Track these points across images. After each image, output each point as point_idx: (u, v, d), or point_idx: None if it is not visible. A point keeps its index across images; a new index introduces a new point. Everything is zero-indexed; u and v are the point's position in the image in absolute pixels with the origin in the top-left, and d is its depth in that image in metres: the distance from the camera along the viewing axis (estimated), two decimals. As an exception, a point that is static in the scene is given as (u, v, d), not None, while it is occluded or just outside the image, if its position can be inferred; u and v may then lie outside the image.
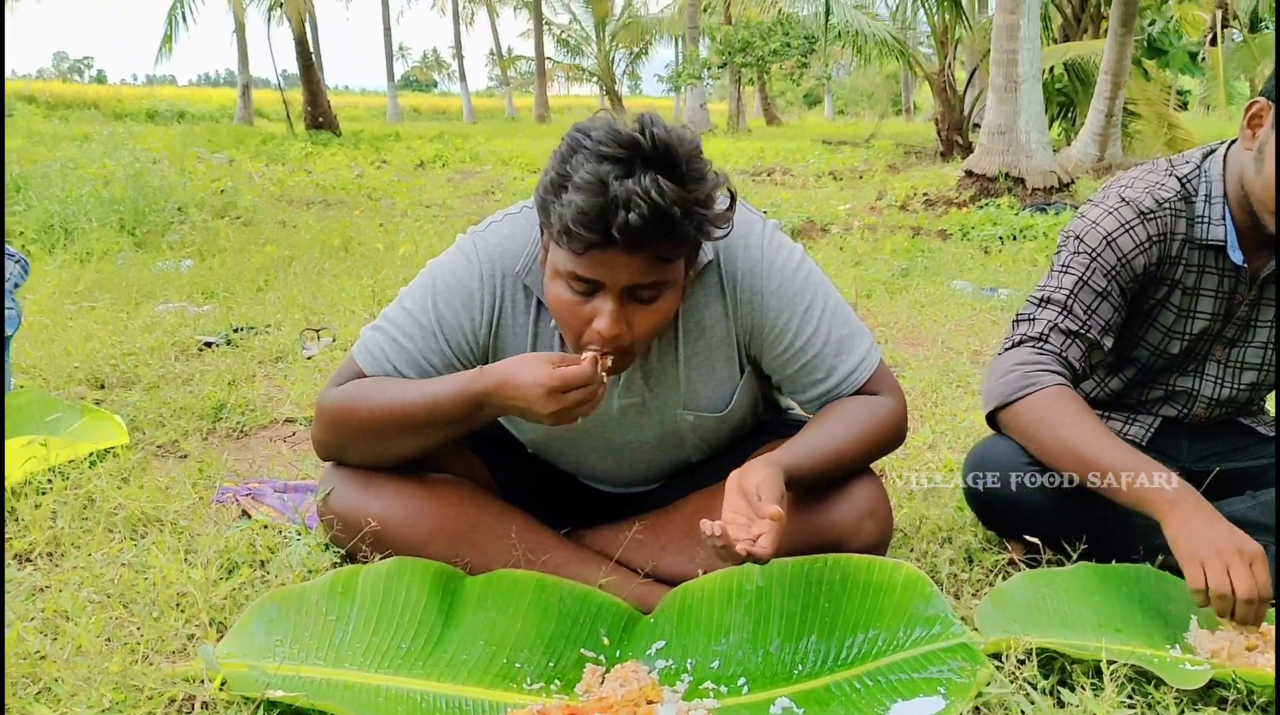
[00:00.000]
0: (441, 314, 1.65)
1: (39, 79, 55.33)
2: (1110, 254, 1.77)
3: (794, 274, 1.64)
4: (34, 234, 6.20)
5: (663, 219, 1.34)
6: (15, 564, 1.91)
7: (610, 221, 1.34)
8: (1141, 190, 1.79)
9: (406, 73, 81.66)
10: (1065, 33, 14.24)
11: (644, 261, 1.40)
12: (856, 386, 1.68)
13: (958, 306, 4.68)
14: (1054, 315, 1.80)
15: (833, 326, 1.66)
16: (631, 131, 1.36)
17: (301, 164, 12.90)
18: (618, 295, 1.44)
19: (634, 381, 1.69)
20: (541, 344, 1.66)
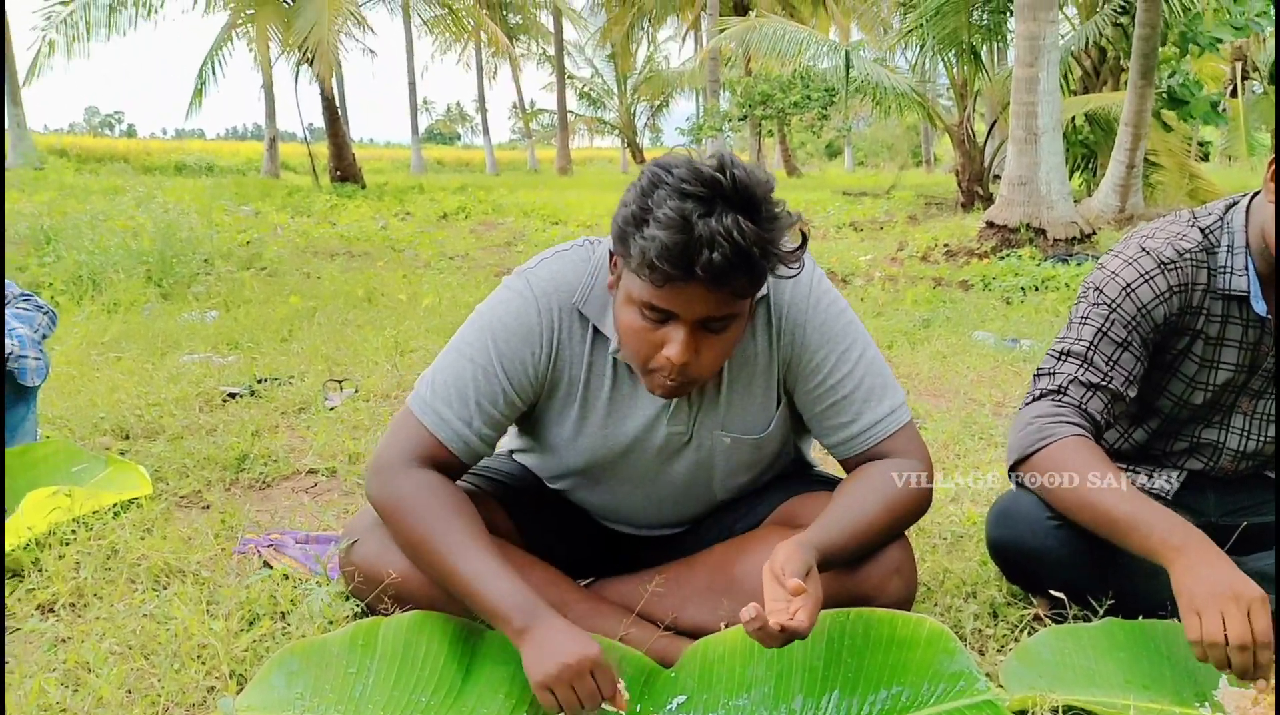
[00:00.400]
0: (502, 352, 1.64)
1: (70, 133, 56.32)
2: (1130, 305, 1.77)
3: (838, 316, 1.69)
4: (63, 285, 6.28)
5: (743, 258, 1.38)
6: (38, 615, 1.92)
7: (694, 260, 1.37)
8: (1162, 241, 1.79)
9: (430, 126, 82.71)
10: (1085, 84, 14.30)
11: (721, 297, 1.44)
12: (881, 437, 1.67)
13: (980, 358, 4.67)
14: (1074, 368, 1.79)
15: (867, 373, 1.68)
16: (712, 171, 1.39)
17: (326, 216, 13.03)
18: (690, 326, 1.47)
19: (682, 411, 1.70)
20: (594, 373, 1.68)
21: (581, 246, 1.69)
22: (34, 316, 2.72)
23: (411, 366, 4.40)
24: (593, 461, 1.76)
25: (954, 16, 13.83)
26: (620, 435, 1.71)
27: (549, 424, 1.74)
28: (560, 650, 1.40)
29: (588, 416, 1.71)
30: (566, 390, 1.69)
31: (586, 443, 1.73)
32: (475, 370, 1.64)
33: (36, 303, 2.79)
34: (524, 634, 1.45)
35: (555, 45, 31.30)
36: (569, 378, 1.68)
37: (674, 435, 1.71)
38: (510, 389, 1.65)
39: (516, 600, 1.47)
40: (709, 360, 1.52)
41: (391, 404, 3.76)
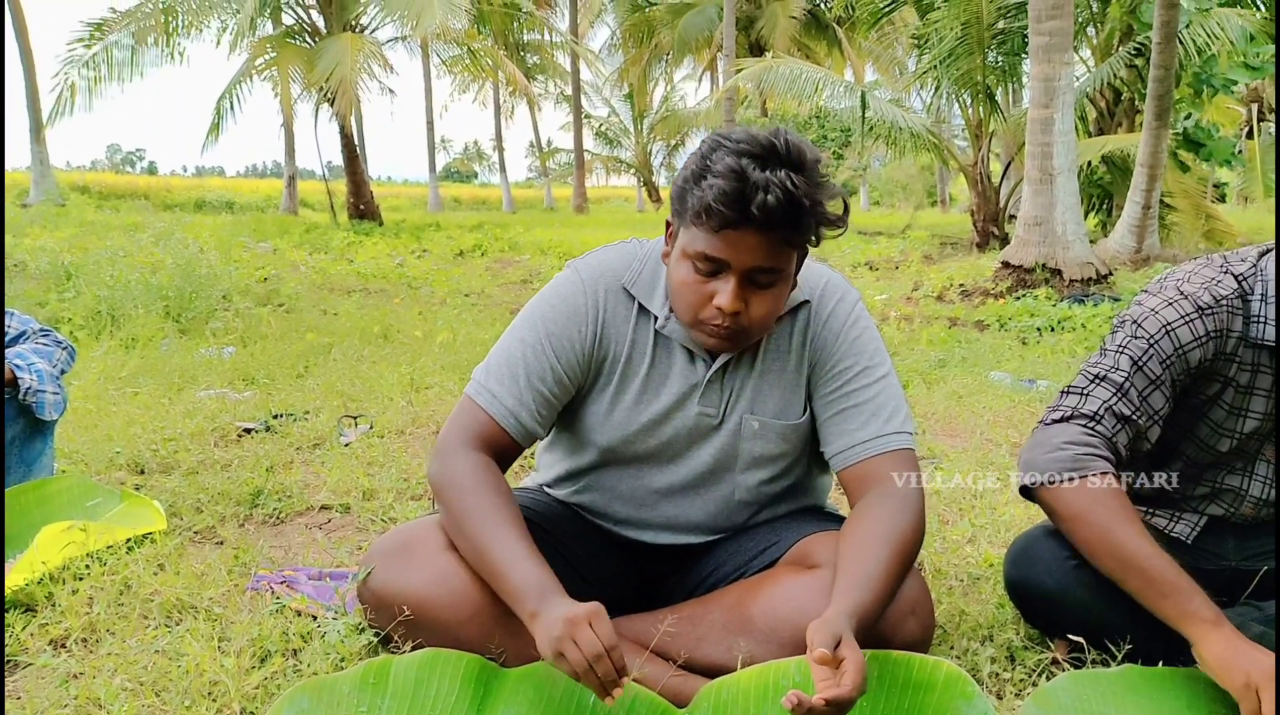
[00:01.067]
0: (550, 331, 1.75)
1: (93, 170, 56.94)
2: (1168, 343, 1.73)
3: (871, 339, 1.79)
4: (81, 321, 6.33)
5: (794, 205, 1.51)
6: (50, 650, 1.92)
7: (749, 201, 1.50)
8: (1199, 285, 1.76)
9: (448, 164, 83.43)
10: (1100, 126, 14.34)
11: (771, 245, 1.56)
12: (882, 450, 1.72)
13: (996, 398, 4.65)
14: (1109, 396, 1.75)
15: (884, 391, 1.76)
16: (768, 136, 1.55)
17: (344, 253, 13.12)
18: (740, 275, 1.58)
19: (714, 393, 1.78)
20: (636, 349, 1.78)
21: (630, 243, 1.84)
22: (53, 351, 2.74)
23: (426, 403, 4.41)
24: (622, 439, 1.81)
25: (968, 58, 13.91)
26: (652, 411, 1.79)
27: (586, 402, 1.82)
28: (559, 617, 1.43)
29: (624, 392, 1.79)
30: (609, 368, 1.79)
31: (619, 418, 1.80)
32: (525, 349, 1.75)
33: (55, 338, 2.81)
34: (535, 617, 1.48)
35: (573, 85, 31.56)
36: (612, 356, 1.78)
37: (703, 416, 1.79)
38: (559, 366, 1.75)
39: (533, 583, 1.51)
40: (757, 314, 1.62)
41: (406, 440, 3.77)
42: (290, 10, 18.39)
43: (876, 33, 22.17)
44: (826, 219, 1.59)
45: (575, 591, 1.79)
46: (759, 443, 1.80)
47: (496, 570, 1.56)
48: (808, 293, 1.78)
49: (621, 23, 32.68)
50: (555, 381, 1.75)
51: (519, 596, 1.52)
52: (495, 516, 1.61)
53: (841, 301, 1.79)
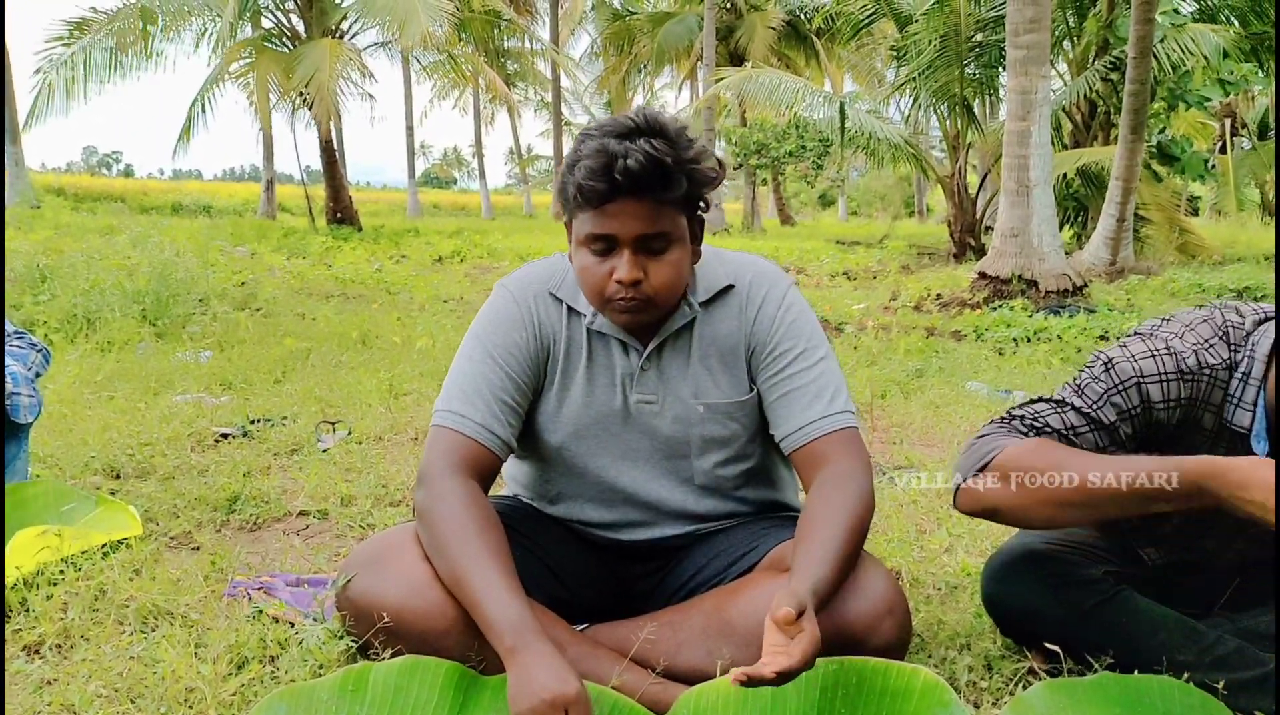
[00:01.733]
0: (494, 343, 1.81)
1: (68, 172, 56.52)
2: (1134, 394, 1.63)
3: (807, 321, 1.83)
4: (57, 324, 6.27)
5: (657, 165, 1.58)
6: (24, 656, 1.90)
7: (613, 170, 1.57)
8: (1190, 345, 1.64)
9: (427, 170, 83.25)
10: (1076, 139, 14.47)
11: (648, 210, 1.63)
12: (827, 430, 1.75)
13: (973, 408, 4.67)
14: (1043, 408, 1.69)
15: (825, 373, 1.79)
16: (628, 115, 1.64)
17: (322, 258, 13.07)
18: (631, 245, 1.64)
19: (649, 380, 1.83)
20: (572, 346, 1.84)
21: (554, 256, 1.92)
22: (28, 354, 2.72)
23: (405, 409, 4.39)
24: (573, 434, 1.85)
25: (946, 70, 14.03)
26: (597, 403, 1.83)
27: (537, 404, 1.86)
28: (540, 684, 1.40)
29: (568, 388, 1.84)
30: (550, 367, 1.84)
31: (567, 414, 1.84)
32: (475, 367, 1.79)
33: (30, 341, 2.79)
34: (511, 654, 1.46)
35: (553, 92, 31.58)
36: (552, 355, 1.84)
37: (643, 402, 1.83)
38: (513, 373, 1.79)
39: (511, 618, 1.50)
40: (659, 280, 1.67)
41: (384, 446, 3.76)
42: (269, 14, 18.33)
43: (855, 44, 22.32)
44: (698, 175, 1.66)
45: (555, 597, 1.81)
46: (708, 426, 1.83)
47: (473, 600, 1.55)
48: (732, 278, 1.83)
49: (602, 31, 32.77)
50: (515, 388, 1.79)
51: (495, 631, 1.50)
52: (475, 545, 1.60)
53: (774, 286, 1.84)
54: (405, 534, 1.74)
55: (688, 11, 29.23)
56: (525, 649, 1.46)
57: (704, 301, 1.82)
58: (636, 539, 1.92)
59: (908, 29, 14.91)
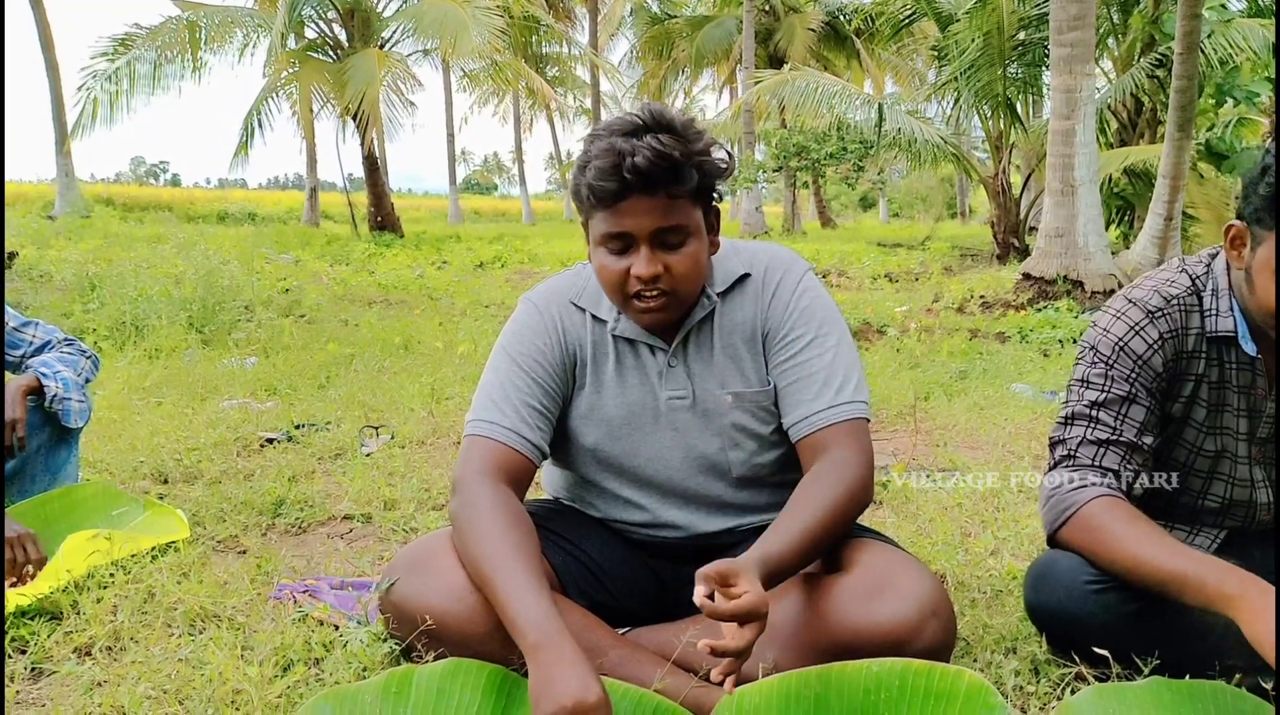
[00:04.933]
0: (519, 351, 1.83)
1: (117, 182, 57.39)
2: (1126, 359, 1.78)
3: (822, 307, 1.83)
4: (106, 331, 6.38)
5: (665, 159, 1.60)
6: (75, 657, 1.93)
7: (623, 169, 1.59)
8: (1149, 289, 1.81)
9: (468, 176, 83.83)
10: (1121, 137, 14.27)
11: (661, 205, 1.64)
12: (835, 420, 1.74)
13: (1018, 410, 4.62)
14: (1081, 430, 1.80)
15: (838, 360, 1.78)
16: (634, 113, 1.66)
17: (365, 264, 13.19)
18: (647, 241, 1.66)
19: (677, 376, 1.84)
20: (599, 352, 1.86)
21: (577, 266, 1.93)
22: (77, 360, 2.77)
23: (447, 413, 4.42)
24: (607, 435, 1.86)
25: (989, 70, 13.89)
26: (627, 403, 1.85)
27: (569, 409, 1.88)
28: (562, 689, 1.38)
29: (600, 390, 1.86)
30: (579, 372, 1.86)
31: (601, 414, 1.86)
32: (502, 377, 1.82)
33: (80, 347, 2.83)
34: (535, 652, 1.45)
35: (592, 97, 31.67)
36: (579, 361, 1.86)
37: (675, 399, 1.84)
38: (540, 379, 1.81)
39: (535, 617, 1.48)
40: (679, 273, 1.69)
41: (427, 451, 3.78)
42: (313, 24, 18.52)
43: (896, 45, 22.17)
44: (708, 167, 1.67)
45: (598, 601, 1.81)
46: (738, 415, 1.83)
47: (500, 601, 1.54)
48: (747, 266, 1.84)
49: (640, 35, 32.78)
50: (543, 393, 1.80)
51: (519, 630, 1.48)
52: (503, 545, 1.59)
53: (789, 272, 1.84)
54: (446, 539, 1.75)
55: (726, 15, 29.20)
56: (549, 647, 1.44)
57: (721, 291, 1.83)
58: (679, 537, 1.91)
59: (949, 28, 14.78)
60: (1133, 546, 1.64)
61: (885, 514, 3.00)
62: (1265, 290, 1.64)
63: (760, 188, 24.25)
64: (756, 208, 23.83)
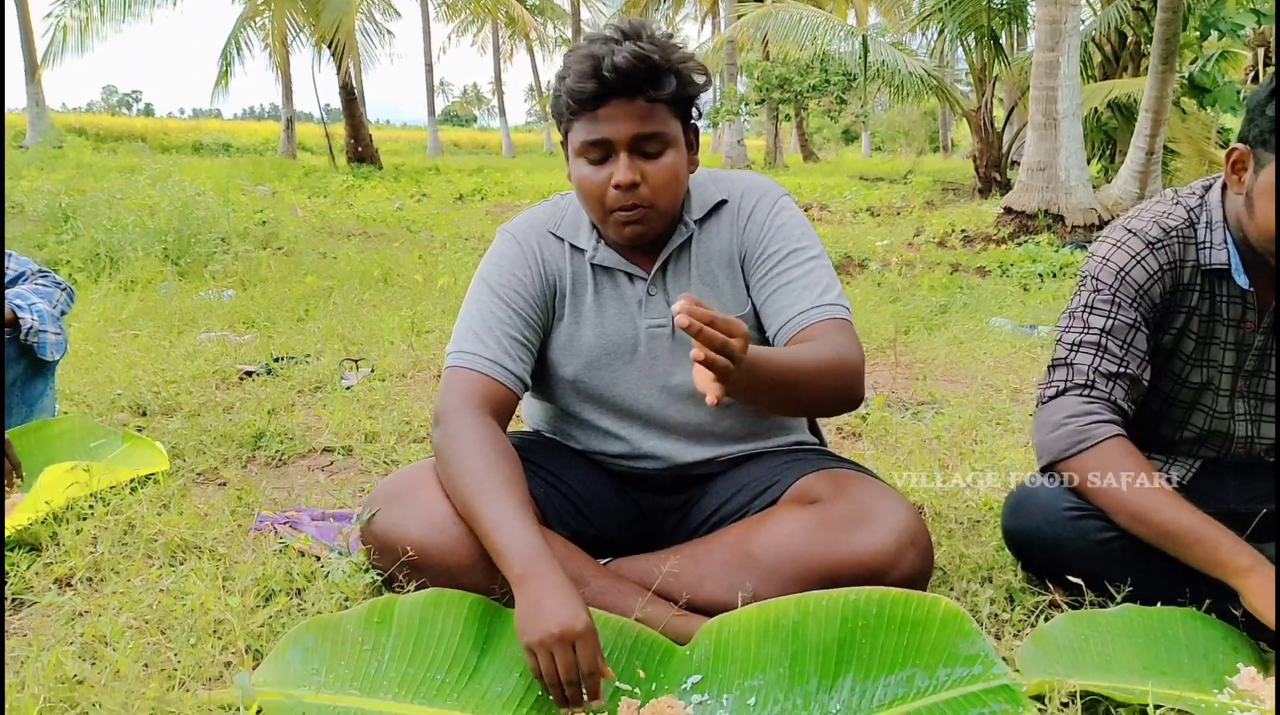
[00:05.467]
0: (498, 282, 1.81)
1: (89, 112, 56.41)
2: (1128, 288, 1.79)
3: (798, 224, 1.83)
4: (80, 263, 6.31)
5: (644, 60, 1.60)
6: (55, 588, 1.93)
7: (601, 68, 1.59)
8: (1148, 220, 1.81)
9: (447, 108, 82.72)
10: (1105, 70, 14.18)
11: (640, 110, 1.64)
12: (820, 318, 1.72)
13: (997, 343, 4.64)
14: (1091, 358, 1.79)
15: (816, 269, 1.78)
16: (612, 24, 1.67)
17: (343, 197, 13.05)
18: (626, 148, 1.65)
19: (657, 304, 1.83)
20: (577, 282, 1.84)
21: (554, 197, 1.93)
22: (52, 292, 2.73)
23: (427, 347, 4.41)
24: (586, 365, 1.85)
25: (974, 1, 13.72)
26: (608, 332, 1.84)
27: (549, 339, 1.87)
28: (549, 616, 1.40)
29: (578, 321, 1.85)
30: (558, 302, 1.85)
31: (581, 344, 1.85)
32: (481, 308, 1.80)
33: (55, 279, 2.80)
34: (521, 581, 1.46)
35: (572, 27, 31.20)
36: (558, 291, 1.85)
37: (654, 328, 1.83)
38: (520, 310, 1.80)
39: (521, 546, 1.49)
40: (657, 183, 1.68)
41: (407, 384, 3.77)
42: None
43: (881, -26, 21.82)
44: (686, 74, 1.66)
45: (578, 532, 1.82)
46: None
47: (486, 531, 1.54)
48: (724, 193, 1.84)
49: (622, -37, 32.22)
50: (524, 324, 1.79)
51: (505, 558, 1.49)
52: (489, 477, 1.59)
53: (765, 196, 1.84)
54: (428, 470, 1.74)
55: (709, -58, 28.70)
56: (536, 577, 1.45)
57: (699, 218, 1.83)
58: (659, 468, 1.92)
59: (934, -42, 14.59)
60: (1143, 496, 1.66)
61: (864, 446, 3.02)
62: (1265, 214, 1.63)
63: (742, 121, 24.05)
64: (738, 141, 23.64)
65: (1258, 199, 1.64)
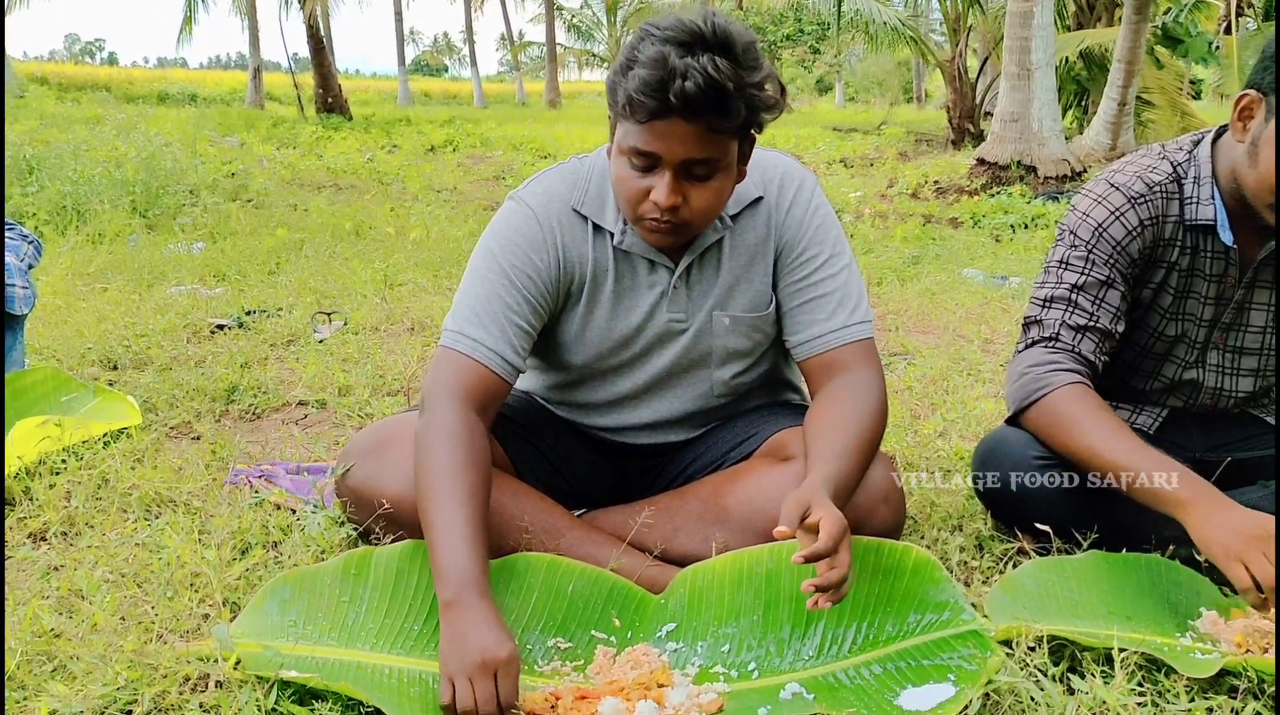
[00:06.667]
0: (511, 264, 1.70)
1: (51, 61, 55.31)
2: (1105, 244, 1.79)
3: (833, 227, 1.78)
4: (46, 215, 6.22)
5: (716, 90, 1.45)
6: (30, 543, 1.93)
7: (669, 89, 1.45)
8: (1132, 174, 1.81)
9: (417, 57, 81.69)
10: (1079, 20, 14.15)
11: (699, 134, 1.50)
12: (846, 341, 1.72)
13: (969, 294, 4.68)
14: (1061, 312, 1.81)
15: (849, 282, 1.75)
16: (695, 20, 1.48)
17: (312, 148, 12.90)
18: (674, 168, 1.53)
19: (679, 298, 1.76)
20: (599, 268, 1.74)
21: (571, 161, 1.79)
22: (20, 245, 2.70)
23: (400, 299, 4.39)
24: (597, 355, 1.80)
25: (949, -51, 13.64)
26: (624, 326, 1.77)
27: (560, 324, 1.79)
28: (473, 645, 1.34)
29: (593, 311, 1.77)
30: (575, 290, 1.76)
31: (592, 337, 1.78)
32: (491, 288, 1.69)
33: (22, 232, 2.76)
34: (448, 607, 1.40)
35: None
36: (578, 278, 1.75)
37: (673, 322, 1.77)
38: (530, 297, 1.70)
39: (456, 570, 1.43)
40: (698, 206, 1.58)
41: (381, 337, 3.76)
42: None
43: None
44: (759, 103, 1.53)
45: (554, 487, 1.82)
46: (731, 338, 1.79)
47: (430, 540, 1.49)
48: (761, 188, 1.75)
49: (595, -91, 31.75)
50: (531, 312, 1.70)
51: (440, 578, 1.44)
52: (449, 485, 1.51)
53: (800, 188, 1.77)
54: (404, 425, 1.72)
55: (682, -112, 28.33)
56: (462, 606, 1.40)
57: (734, 214, 1.74)
58: (642, 442, 1.92)
59: (909, -95, 14.47)
60: (1093, 437, 1.68)
61: (837, 397, 3.04)
62: (1268, 162, 1.62)
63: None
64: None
65: (1263, 147, 1.63)
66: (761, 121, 1.58)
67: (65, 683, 1.40)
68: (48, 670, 1.44)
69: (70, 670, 1.43)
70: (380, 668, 1.45)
